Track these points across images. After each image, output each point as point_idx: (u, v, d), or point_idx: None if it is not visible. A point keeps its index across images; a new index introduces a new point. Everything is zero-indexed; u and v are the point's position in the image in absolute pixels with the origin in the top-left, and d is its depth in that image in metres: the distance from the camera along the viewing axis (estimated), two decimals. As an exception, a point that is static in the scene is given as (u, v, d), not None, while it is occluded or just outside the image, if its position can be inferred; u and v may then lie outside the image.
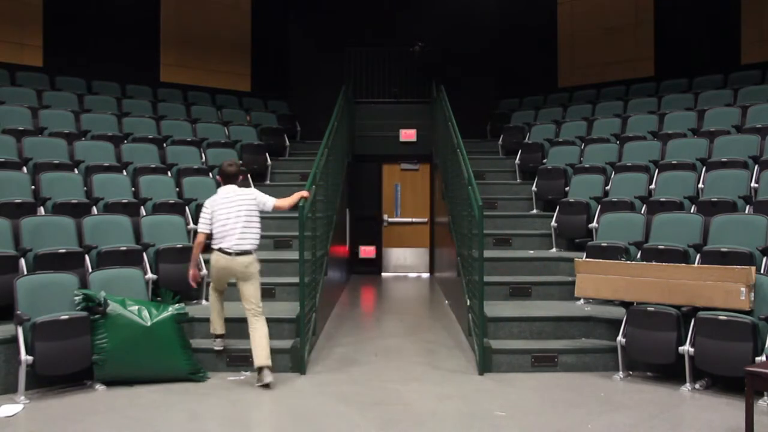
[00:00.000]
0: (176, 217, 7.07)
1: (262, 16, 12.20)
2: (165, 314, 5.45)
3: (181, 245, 6.60)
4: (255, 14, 12.15)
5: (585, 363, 5.74)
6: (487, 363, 5.69)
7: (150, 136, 8.84)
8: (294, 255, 6.74)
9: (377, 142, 11.27)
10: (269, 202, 5.66)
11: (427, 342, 6.76)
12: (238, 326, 6.07)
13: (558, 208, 7.83)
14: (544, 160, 9.08)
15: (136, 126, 9.04)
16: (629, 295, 5.53)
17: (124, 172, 7.73)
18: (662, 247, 6.07)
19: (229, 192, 5.53)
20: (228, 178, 5.58)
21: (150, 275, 6.25)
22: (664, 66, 10.79)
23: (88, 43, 10.37)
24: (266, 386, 5.23)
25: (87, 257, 6.01)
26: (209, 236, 5.49)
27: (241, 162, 5.88)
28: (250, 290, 5.45)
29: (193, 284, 5.73)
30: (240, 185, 5.66)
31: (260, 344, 5.31)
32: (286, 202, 5.78)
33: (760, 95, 8.68)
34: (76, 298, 5.23)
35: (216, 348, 5.72)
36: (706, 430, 4.40)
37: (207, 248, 5.71)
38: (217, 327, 5.74)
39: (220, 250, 5.39)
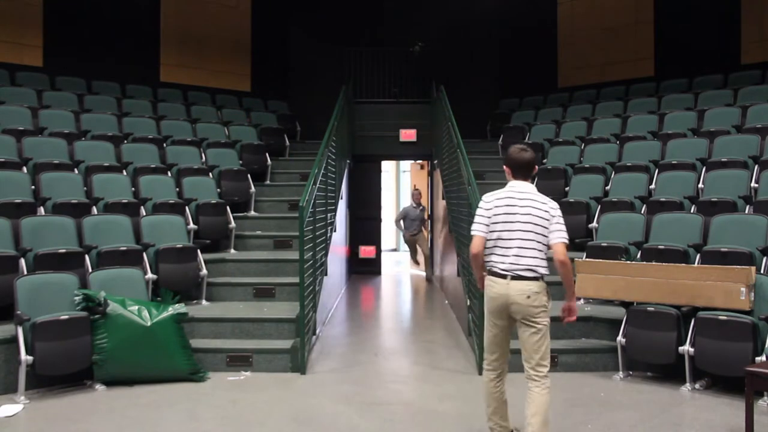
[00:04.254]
0: (176, 217, 7.06)
1: (262, 16, 12.20)
2: (165, 314, 5.45)
3: (181, 245, 6.60)
4: (255, 14, 12.15)
5: (585, 363, 5.74)
6: (487, 363, 5.68)
7: (150, 136, 8.83)
8: (294, 255, 6.74)
9: (377, 142, 11.27)
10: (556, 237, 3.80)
11: (427, 342, 6.76)
12: (238, 326, 6.09)
13: (558, 208, 7.81)
14: (544, 160, 9.07)
15: (136, 126, 9.04)
16: (629, 295, 5.53)
17: (124, 172, 7.73)
18: (662, 247, 6.06)
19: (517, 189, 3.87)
20: (519, 170, 3.89)
21: (150, 275, 6.25)
22: (664, 66, 10.78)
23: (88, 43, 10.36)
24: None
25: (87, 257, 6.00)
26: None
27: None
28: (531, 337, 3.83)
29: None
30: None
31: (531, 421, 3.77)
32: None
33: (760, 95, 8.68)
34: (76, 298, 5.23)
35: None
36: (706, 430, 4.40)
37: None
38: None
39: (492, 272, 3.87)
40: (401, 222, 11.64)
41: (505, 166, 3.95)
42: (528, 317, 3.77)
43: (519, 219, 3.77)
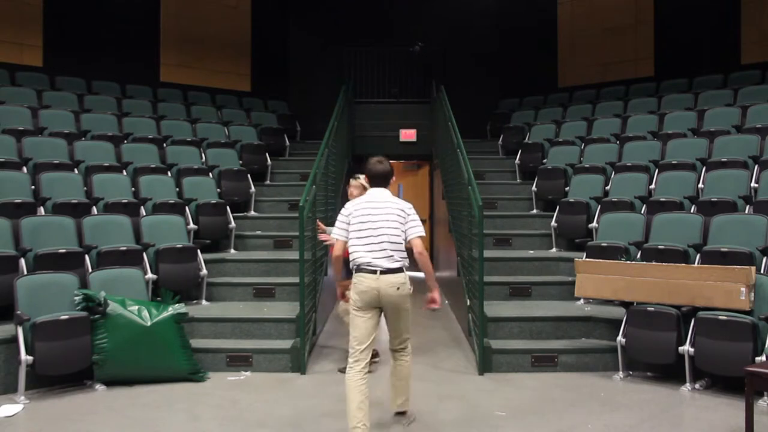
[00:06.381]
0: (176, 217, 7.07)
1: (262, 16, 12.20)
2: (165, 314, 5.45)
3: (181, 245, 6.60)
4: (255, 14, 12.16)
5: (585, 363, 5.74)
6: (487, 363, 5.69)
7: (150, 136, 8.84)
8: (294, 255, 6.74)
9: (377, 142, 11.25)
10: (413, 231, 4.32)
11: (427, 342, 6.76)
12: (238, 326, 6.09)
13: (558, 208, 7.83)
14: (544, 160, 9.08)
15: (136, 126, 9.04)
16: (629, 295, 5.53)
17: (124, 172, 7.73)
18: (662, 247, 6.06)
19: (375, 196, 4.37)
20: (375, 180, 4.43)
21: (150, 275, 6.25)
22: (664, 66, 10.79)
23: (88, 43, 10.36)
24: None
25: (87, 257, 6.00)
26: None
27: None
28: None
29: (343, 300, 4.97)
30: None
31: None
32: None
33: (760, 95, 8.68)
34: (76, 298, 5.23)
35: None
36: (706, 430, 4.40)
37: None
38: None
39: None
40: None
41: (365, 176, 4.52)
42: (399, 305, 4.26)
43: (381, 219, 4.24)
